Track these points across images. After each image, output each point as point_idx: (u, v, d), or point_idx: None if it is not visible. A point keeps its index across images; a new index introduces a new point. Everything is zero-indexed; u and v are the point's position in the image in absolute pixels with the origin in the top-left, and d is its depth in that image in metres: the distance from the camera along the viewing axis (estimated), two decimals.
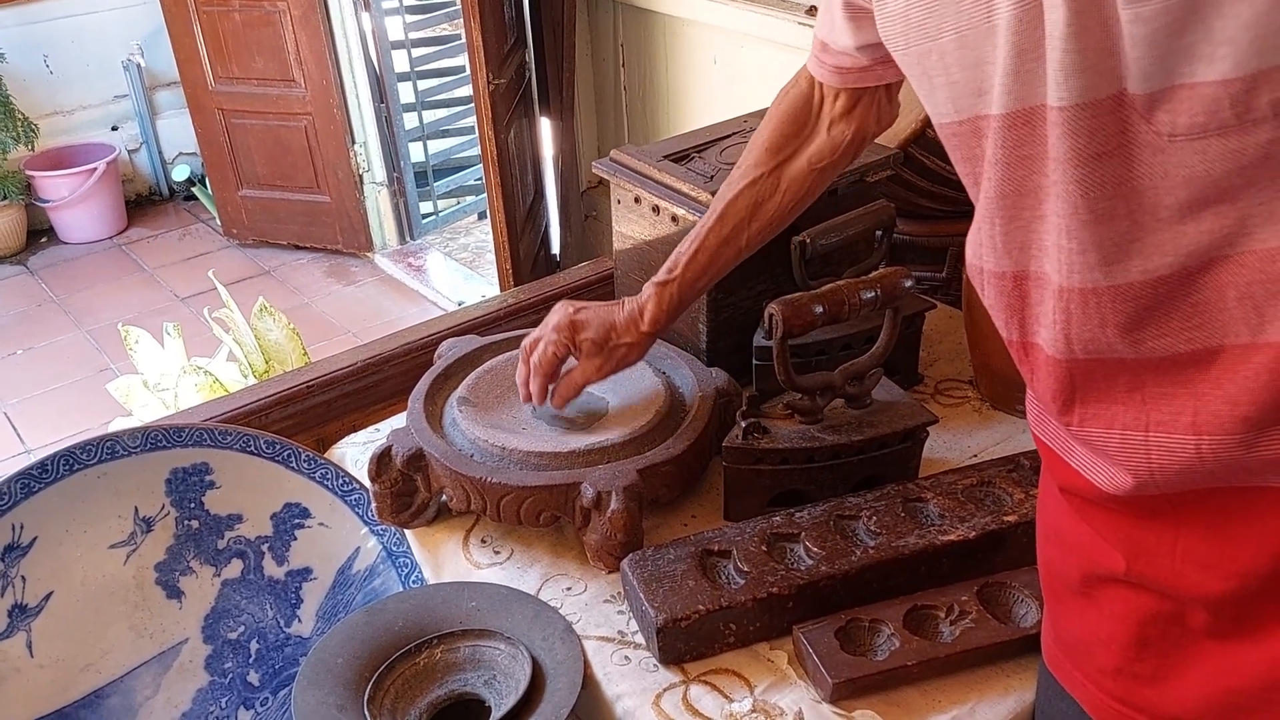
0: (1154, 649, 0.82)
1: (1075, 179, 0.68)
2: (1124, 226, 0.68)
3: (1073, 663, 0.90)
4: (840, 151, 1.17)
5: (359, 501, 1.34)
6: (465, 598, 1.18)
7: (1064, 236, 0.71)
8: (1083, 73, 0.65)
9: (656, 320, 1.21)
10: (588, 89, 3.33)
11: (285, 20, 4.11)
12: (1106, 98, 0.65)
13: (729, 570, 1.12)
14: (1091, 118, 0.66)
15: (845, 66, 1.08)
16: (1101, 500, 0.80)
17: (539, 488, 1.18)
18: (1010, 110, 0.71)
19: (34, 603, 1.25)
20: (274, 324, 2.33)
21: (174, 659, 1.29)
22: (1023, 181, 0.73)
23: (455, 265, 4.54)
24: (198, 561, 1.32)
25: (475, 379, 1.34)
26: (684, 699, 1.04)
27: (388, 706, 1.08)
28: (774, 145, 1.18)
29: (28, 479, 1.25)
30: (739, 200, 1.18)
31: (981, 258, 0.80)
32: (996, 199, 0.75)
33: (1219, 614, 0.77)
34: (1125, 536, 0.80)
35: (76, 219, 4.81)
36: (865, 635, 1.08)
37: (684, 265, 1.20)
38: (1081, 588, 0.87)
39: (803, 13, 2.47)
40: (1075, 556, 0.87)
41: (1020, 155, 0.72)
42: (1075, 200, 0.69)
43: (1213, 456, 0.71)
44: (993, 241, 0.77)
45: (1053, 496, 0.89)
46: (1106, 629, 0.85)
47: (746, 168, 1.19)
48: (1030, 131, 0.71)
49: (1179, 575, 0.78)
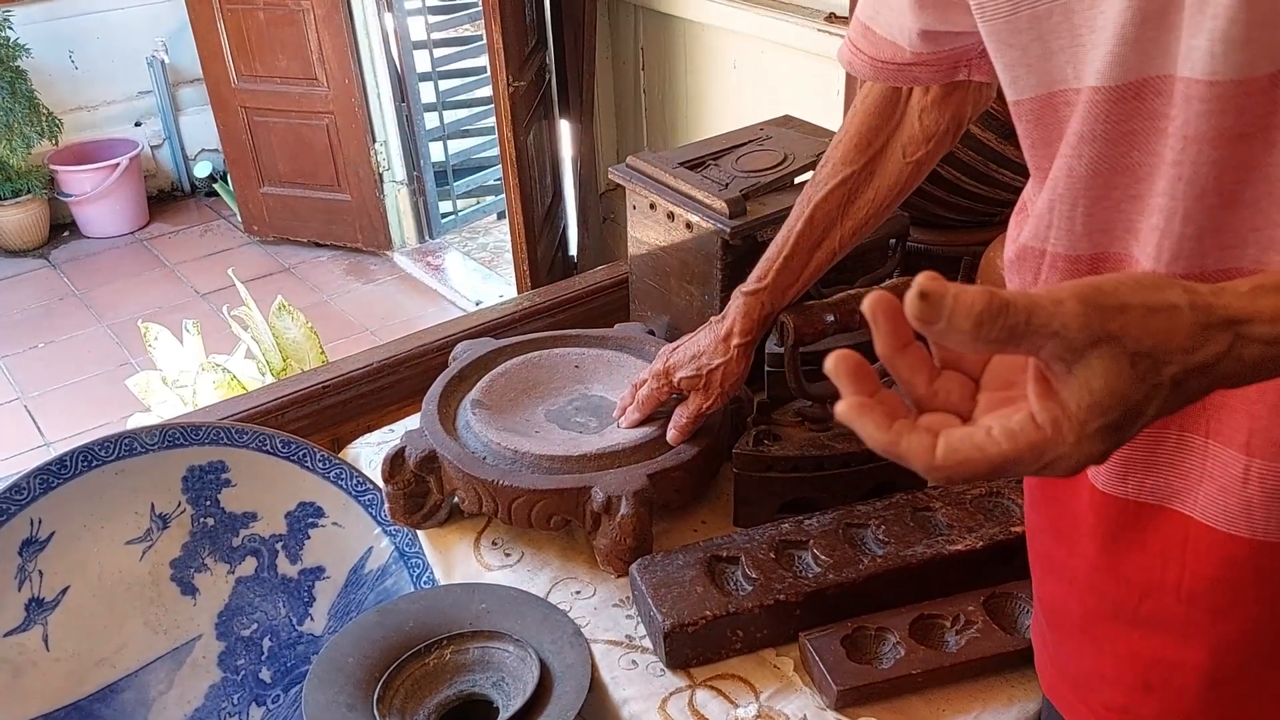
0: (1160, 692, 0.81)
1: (1211, 160, 0.63)
2: (1249, 214, 0.65)
3: (1077, 696, 0.89)
4: (935, 141, 1.10)
5: (372, 502, 1.36)
6: (475, 599, 1.19)
7: (1175, 220, 0.66)
8: (1247, 46, 0.59)
9: (747, 331, 1.18)
10: (607, 92, 3.35)
11: (309, 19, 4.15)
12: (1262, 76, 0.60)
13: (737, 577, 1.13)
14: (1244, 95, 0.61)
15: (885, 59, 1.01)
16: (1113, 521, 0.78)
17: (550, 491, 1.19)
18: (1120, 82, 0.66)
19: (51, 597, 1.27)
20: (292, 323, 2.35)
21: (187, 655, 1.31)
22: (1121, 159, 0.69)
23: (474, 265, 4.56)
24: (212, 559, 1.34)
25: (489, 382, 1.35)
26: (690, 704, 1.05)
27: (397, 706, 1.09)
28: (861, 141, 1.12)
29: (46, 474, 1.27)
30: (829, 200, 1.14)
31: (1049, 240, 0.75)
32: (1086, 177, 0.70)
33: (1231, 656, 0.76)
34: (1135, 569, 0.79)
35: (99, 214, 4.86)
36: (871, 643, 1.08)
37: (775, 273, 1.16)
38: (1082, 624, 0.85)
39: (822, 19, 2.48)
40: (1074, 591, 0.85)
41: (1123, 130, 0.68)
42: (1206, 183, 0.64)
43: (1259, 485, 0.69)
44: (1070, 223, 0.73)
45: (1045, 525, 0.88)
46: (1111, 668, 0.84)
47: (834, 165, 1.13)
48: (1141, 105, 0.66)
49: (1188, 618, 0.77)
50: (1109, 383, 0.51)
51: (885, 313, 0.53)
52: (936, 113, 1.07)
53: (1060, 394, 0.52)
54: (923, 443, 0.53)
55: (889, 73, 1.02)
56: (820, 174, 1.14)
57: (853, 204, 1.13)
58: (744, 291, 1.18)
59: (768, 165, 1.45)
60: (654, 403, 1.25)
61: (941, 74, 1.01)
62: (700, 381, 1.20)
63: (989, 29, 0.73)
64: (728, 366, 1.19)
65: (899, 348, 0.54)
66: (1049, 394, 0.52)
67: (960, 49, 0.96)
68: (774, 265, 1.16)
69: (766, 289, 1.17)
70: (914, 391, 0.56)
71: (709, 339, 1.20)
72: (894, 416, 0.54)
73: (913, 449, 0.53)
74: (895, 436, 0.54)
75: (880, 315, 0.53)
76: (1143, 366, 0.51)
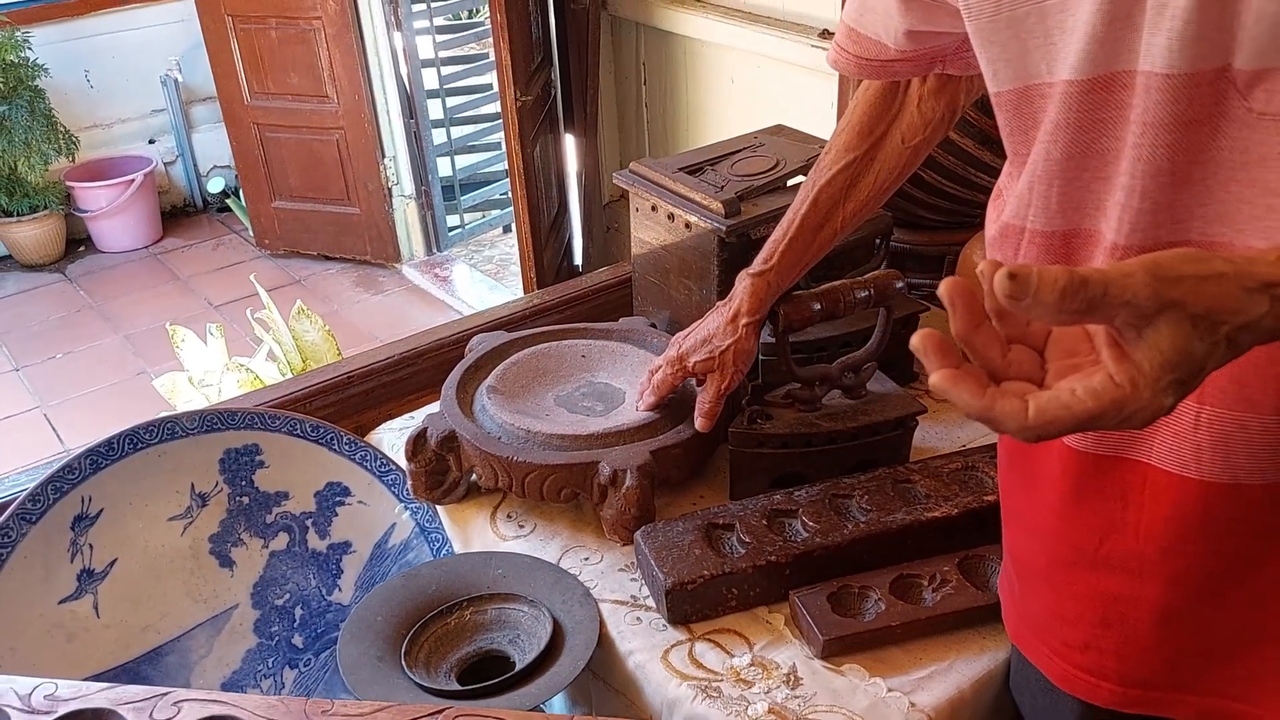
0: (1118, 626, 0.90)
1: (1166, 143, 0.71)
2: (1197, 191, 0.73)
3: (1039, 638, 0.98)
4: (932, 127, 1.17)
5: (395, 481, 1.46)
6: (492, 565, 1.29)
7: (1134, 197, 0.74)
8: (1199, 43, 0.68)
9: (754, 310, 1.24)
10: (610, 106, 3.45)
11: (320, 38, 4.26)
12: (1210, 70, 0.69)
13: (732, 541, 1.23)
14: (1194, 87, 0.69)
15: (869, 57, 1.08)
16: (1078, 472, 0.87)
17: (560, 466, 1.29)
18: (1091, 76, 0.74)
19: (100, 568, 1.37)
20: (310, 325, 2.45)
21: (225, 622, 1.41)
22: (1092, 144, 0.77)
23: (480, 276, 4.67)
24: (248, 534, 1.44)
25: (503, 370, 1.46)
26: (690, 654, 1.15)
27: (422, 660, 1.20)
28: (863, 128, 1.19)
29: (96, 455, 1.37)
30: (833, 184, 1.20)
31: (1028, 218, 0.83)
32: (1061, 161, 0.79)
33: (1181, 590, 0.85)
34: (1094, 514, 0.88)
35: (114, 229, 4.97)
36: (855, 600, 1.18)
37: (780, 254, 1.23)
38: (1045, 570, 0.94)
39: (816, 35, 2.59)
40: (1039, 540, 0.94)
41: (1094, 119, 0.76)
42: (1161, 163, 0.72)
43: (1208, 429, 0.78)
44: (1046, 202, 0.81)
45: (1017, 481, 0.97)
46: (1072, 609, 0.93)
47: (837, 151, 1.20)
48: (1108, 96, 0.74)
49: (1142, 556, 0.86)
50: (1175, 342, 0.58)
51: (961, 296, 0.60)
52: (934, 101, 1.15)
53: (1133, 355, 0.59)
54: (1014, 406, 0.60)
55: (873, 69, 1.10)
56: (824, 161, 1.22)
57: (855, 187, 1.20)
58: (750, 273, 1.25)
59: (761, 170, 1.56)
60: (668, 387, 1.33)
61: (920, 68, 1.10)
62: (714, 363, 1.27)
63: (974, 27, 0.82)
64: (738, 345, 1.26)
65: (974, 326, 0.61)
66: (1123, 356, 0.59)
67: (939, 47, 1.05)
68: (779, 247, 1.23)
69: (773, 269, 1.24)
70: (990, 364, 0.63)
71: (717, 322, 1.27)
72: (984, 385, 0.61)
73: (1006, 412, 0.60)
74: (990, 402, 0.60)
75: (957, 298, 0.60)
76: (1202, 327, 0.58)
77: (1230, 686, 0.88)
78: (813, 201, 1.22)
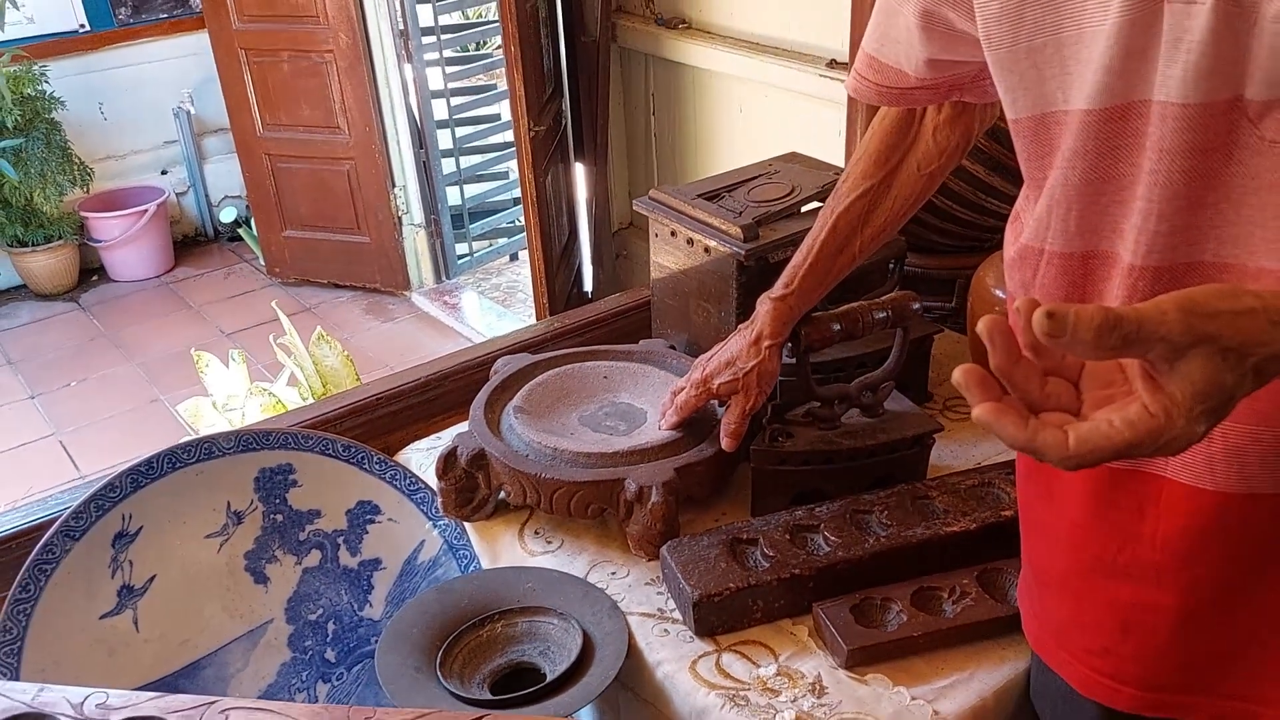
0: (1136, 633, 0.93)
1: (1182, 169, 0.75)
2: (1211, 214, 0.77)
3: (1058, 644, 1.01)
4: (947, 155, 1.20)
5: (424, 500, 1.50)
6: (522, 580, 1.33)
7: (1151, 220, 0.78)
8: (1213, 75, 0.72)
9: (776, 334, 1.28)
10: (620, 136, 3.51)
11: (331, 70, 4.33)
12: (1223, 100, 0.73)
13: (756, 555, 1.27)
14: (1208, 116, 0.73)
15: (889, 85, 1.11)
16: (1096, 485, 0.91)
17: (588, 483, 1.33)
18: (1108, 106, 0.77)
19: (140, 584, 1.41)
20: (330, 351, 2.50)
21: (261, 637, 1.45)
22: (1109, 170, 0.80)
23: (488, 303, 4.72)
24: (282, 551, 1.48)
25: (529, 390, 1.50)
26: (717, 664, 1.19)
27: (456, 671, 1.23)
28: (880, 156, 1.22)
29: (136, 475, 1.41)
30: (850, 210, 1.23)
31: (1047, 240, 0.87)
32: (1080, 186, 0.82)
33: (1197, 597, 0.89)
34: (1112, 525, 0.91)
35: (126, 258, 5.03)
36: (877, 611, 1.22)
37: (800, 278, 1.26)
38: (1064, 578, 0.98)
39: (824, 65, 2.64)
40: (1059, 550, 0.98)
41: (1111, 146, 0.79)
42: (1177, 188, 0.76)
43: (1221, 442, 0.81)
44: (1065, 225, 0.85)
45: (1036, 493, 1.01)
46: (1092, 616, 0.96)
47: (855, 179, 1.23)
48: (1124, 125, 0.78)
49: (1159, 565, 0.89)
50: (1207, 374, 0.61)
51: (1000, 333, 0.62)
52: (948, 130, 1.19)
53: (1167, 387, 0.62)
54: (1056, 437, 0.63)
55: (893, 96, 1.13)
56: (841, 189, 1.25)
57: (872, 213, 1.24)
58: (771, 298, 1.29)
59: (777, 196, 1.60)
60: (691, 408, 1.37)
61: (939, 96, 1.13)
62: (739, 384, 1.31)
63: (993, 57, 0.85)
64: (762, 366, 1.30)
65: (1014, 361, 0.64)
66: (1158, 388, 0.62)
67: (958, 75, 1.09)
68: (799, 272, 1.27)
69: (794, 293, 1.27)
70: (1029, 396, 0.65)
71: (740, 345, 1.31)
72: (1025, 417, 0.64)
73: (1048, 443, 0.63)
74: (1032, 434, 0.63)
75: (995, 335, 0.62)
76: (1232, 359, 0.61)
77: (1245, 688, 0.91)
78: (831, 228, 1.25)
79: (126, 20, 5.06)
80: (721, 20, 3.01)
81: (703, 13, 3.07)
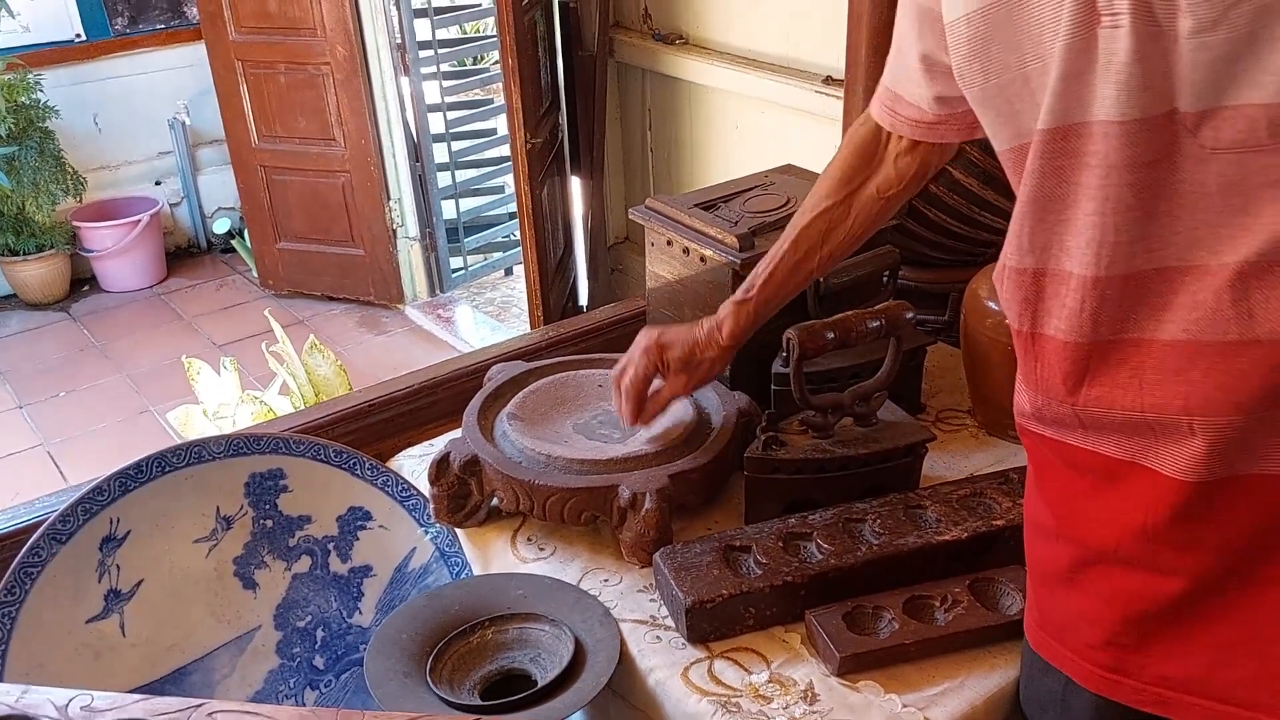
0: (1138, 622, 0.94)
1: (1129, 182, 0.81)
2: (1166, 222, 0.81)
3: (1060, 642, 1.02)
4: (905, 182, 1.24)
5: (416, 506, 1.49)
6: (513, 586, 1.32)
7: (1109, 233, 0.83)
8: (1145, 91, 0.77)
9: (734, 334, 1.32)
10: (616, 150, 3.52)
11: (328, 83, 4.33)
12: (1160, 114, 0.78)
13: (749, 562, 1.26)
14: (1147, 131, 0.79)
15: (915, 119, 1.16)
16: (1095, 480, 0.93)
17: (581, 489, 1.33)
18: (1050, 127, 0.83)
19: (127, 589, 1.40)
20: (323, 360, 2.49)
21: (248, 643, 1.44)
22: (1052, 189, 0.86)
23: (482, 317, 4.71)
24: (271, 557, 1.47)
25: (523, 398, 1.50)
26: (709, 671, 1.18)
27: (446, 676, 1.22)
28: (844, 177, 1.26)
29: (125, 478, 1.41)
30: (812, 227, 1.27)
31: (1008, 256, 0.93)
32: (1028, 204, 0.88)
33: (1200, 584, 0.90)
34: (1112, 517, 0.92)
35: (118, 269, 5.01)
36: (869, 619, 1.22)
37: (760, 285, 1.30)
38: (1068, 574, 0.99)
39: (820, 81, 2.65)
40: (1060, 546, 0.99)
41: (1053, 166, 0.85)
42: (1129, 200, 0.81)
43: (1202, 435, 0.83)
44: (1019, 241, 0.91)
45: (1040, 495, 1.02)
46: (1093, 609, 0.97)
47: (819, 197, 1.27)
48: (1065, 145, 0.83)
49: (1156, 555, 0.90)
50: None
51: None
52: (908, 158, 1.23)
53: None
54: None
55: (922, 130, 1.17)
56: (806, 204, 1.29)
57: (832, 233, 1.28)
58: (733, 301, 1.33)
59: (772, 207, 1.61)
60: (644, 384, 1.36)
61: (964, 132, 1.16)
62: (691, 364, 1.34)
63: (970, 95, 0.93)
64: (714, 362, 1.34)
65: None
66: None
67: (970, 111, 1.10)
68: (759, 280, 1.31)
69: (753, 300, 1.31)
70: None
71: (704, 333, 1.33)
72: None
73: None
74: None
75: None
76: None
77: (1238, 690, 0.91)
78: (793, 243, 1.29)
79: (123, 30, 5.05)
80: (718, 36, 3.02)
81: (699, 28, 3.08)
